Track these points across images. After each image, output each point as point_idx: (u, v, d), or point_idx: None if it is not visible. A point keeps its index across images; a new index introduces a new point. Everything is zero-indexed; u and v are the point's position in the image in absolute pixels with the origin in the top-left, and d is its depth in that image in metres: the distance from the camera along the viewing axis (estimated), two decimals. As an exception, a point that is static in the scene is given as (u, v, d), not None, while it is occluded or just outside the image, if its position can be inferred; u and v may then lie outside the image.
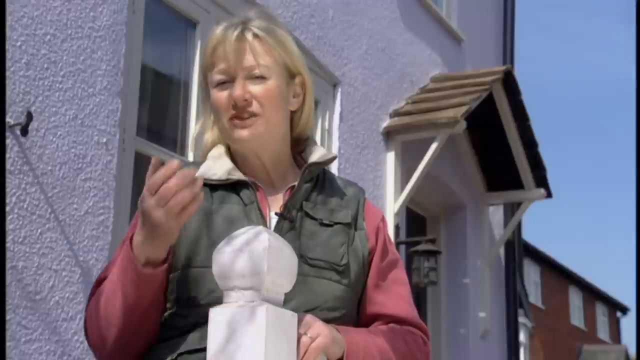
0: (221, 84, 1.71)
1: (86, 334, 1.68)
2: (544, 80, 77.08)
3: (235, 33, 1.70)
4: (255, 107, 1.69)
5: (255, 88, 1.69)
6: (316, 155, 1.78)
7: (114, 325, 1.58)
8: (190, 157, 4.74)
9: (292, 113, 1.79)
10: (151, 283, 1.55)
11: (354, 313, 1.73)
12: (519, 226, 9.08)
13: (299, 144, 1.83)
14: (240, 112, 1.69)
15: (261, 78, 1.69)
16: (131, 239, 1.57)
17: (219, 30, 1.73)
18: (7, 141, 3.59)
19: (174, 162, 1.49)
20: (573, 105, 75.46)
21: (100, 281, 1.70)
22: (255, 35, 1.70)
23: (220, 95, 1.71)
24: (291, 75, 1.76)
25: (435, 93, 7.26)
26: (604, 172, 69.82)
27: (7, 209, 3.53)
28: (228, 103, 1.69)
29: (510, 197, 8.36)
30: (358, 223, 1.76)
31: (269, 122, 1.70)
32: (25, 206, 3.65)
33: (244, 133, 1.70)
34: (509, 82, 7.45)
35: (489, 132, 7.76)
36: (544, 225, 55.60)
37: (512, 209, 8.71)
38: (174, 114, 4.89)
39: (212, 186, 1.71)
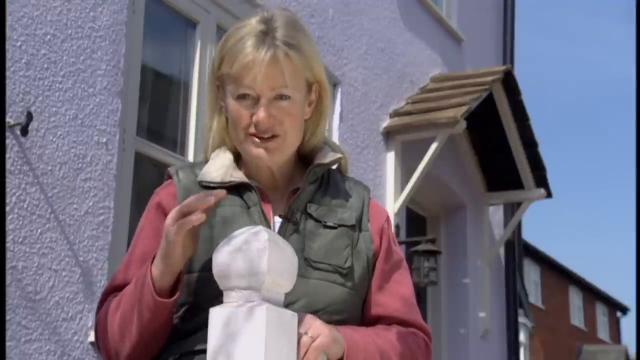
0: (243, 97, 1.67)
1: (97, 342, 1.70)
2: (544, 80, 77.11)
3: (269, 55, 1.63)
4: (277, 129, 1.67)
5: (279, 111, 1.66)
6: (322, 156, 1.76)
7: (129, 341, 1.61)
8: (191, 156, 4.74)
9: (307, 119, 1.76)
10: (166, 310, 1.58)
11: (358, 315, 1.72)
12: (519, 226, 9.08)
13: (314, 150, 1.80)
14: (262, 133, 1.67)
15: (286, 98, 1.66)
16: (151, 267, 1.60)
17: (248, 45, 1.65)
18: (7, 141, 3.59)
19: (221, 193, 1.57)
20: (573, 105, 75.49)
21: (110, 290, 1.70)
22: (285, 55, 1.65)
23: (242, 111, 1.67)
24: (309, 85, 1.73)
25: (435, 93, 7.26)
26: (604, 172, 69.86)
27: (7, 209, 3.53)
28: (249, 121, 1.67)
29: (510, 197, 8.36)
30: (362, 224, 1.75)
31: (286, 142, 1.69)
32: (25, 206, 3.65)
33: (262, 152, 1.68)
34: (509, 82, 7.44)
35: (489, 132, 7.76)
36: (544, 225, 55.62)
37: (512, 209, 8.71)
38: (174, 114, 4.89)
39: (215, 188, 1.69)
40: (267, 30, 1.66)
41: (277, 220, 1.69)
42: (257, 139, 1.67)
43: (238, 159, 1.77)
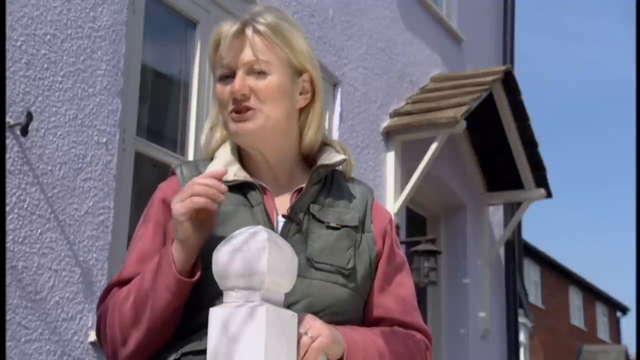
0: (224, 79, 1.72)
1: (101, 331, 1.68)
2: (544, 80, 77.10)
3: (235, 28, 1.70)
4: (253, 101, 1.69)
5: (255, 83, 1.69)
6: (326, 157, 1.76)
7: (141, 327, 1.59)
8: (191, 156, 4.74)
9: (302, 111, 1.76)
10: (186, 291, 1.58)
11: (360, 316, 1.72)
12: (519, 226, 9.08)
13: (318, 149, 1.80)
14: (239, 106, 1.69)
15: (262, 73, 1.69)
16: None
17: (222, 26, 1.73)
18: (7, 141, 3.59)
19: (221, 170, 1.60)
20: (573, 105, 75.49)
21: (115, 283, 1.69)
22: (257, 31, 1.70)
23: (222, 90, 1.72)
24: (297, 72, 1.74)
25: (435, 93, 7.26)
26: (604, 172, 69.86)
27: (7, 209, 3.53)
28: (228, 97, 1.70)
29: (510, 197, 8.36)
30: (366, 225, 1.75)
31: (267, 117, 1.69)
32: (25, 206, 3.65)
33: (240, 127, 1.70)
34: (509, 82, 7.44)
35: (489, 132, 7.76)
36: (544, 225, 55.63)
37: (512, 209, 8.71)
38: (174, 114, 4.89)
39: None
40: (248, 17, 1.73)
41: (280, 220, 1.69)
42: (235, 114, 1.70)
43: (242, 158, 1.77)
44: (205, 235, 1.58)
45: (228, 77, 1.71)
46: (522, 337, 19.72)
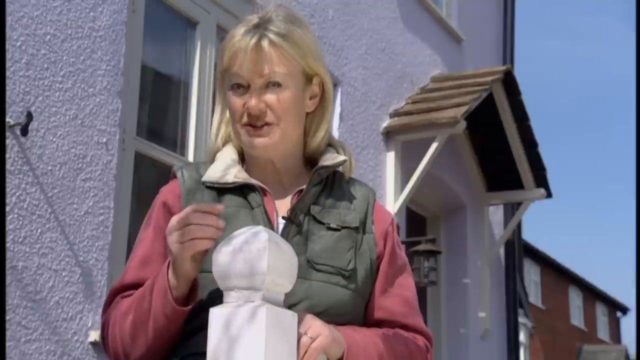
0: (237, 88, 1.70)
1: (105, 342, 1.69)
2: (544, 80, 77.12)
3: (253, 41, 1.67)
4: (270, 116, 1.68)
5: (271, 97, 1.67)
6: (328, 158, 1.76)
7: (140, 346, 1.61)
8: (191, 156, 4.74)
9: (308, 114, 1.76)
10: (182, 317, 1.58)
11: (361, 318, 1.72)
12: (519, 226, 9.07)
13: (320, 147, 1.80)
14: (255, 121, 1.68)
15: (277, 86, 1.68)
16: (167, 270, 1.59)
17: (238, 34, 1.70)
18: (7, 141, 3.59)
19: (219, 207, 1.53)
20: (573, 105, 75.50)
21: (118, 289, 1.70)
22: (272, 42, 1.67)
23: (236, 101, 1.70)
24: (308, 77, 1.74)
25: (435, 93, 7.26)
26: (604, 172, 69.86)
27: (7, 209, 3.53)
28: (243, 110, 1.69)
29: (510, 197, 8.36)
30: (367, 226, 1.75)
31: (283, 131, 1.69)
32: (25, 206, 3.65)
33: (258, 142, 1.69)
34: (509, 82, 7.44)
35: (489, 132, 7.76)
36: (544, 225, 55.67)
37: (512, 209, 8.71)
38: (174, 114, 4.89)
39: (220, 189, 1.71)
40: (259, 23, 1.71)
41: (281, 222, 1.69)
42: (251, 128, 1.69)
43: (244, 158, 1.78)
44: (201, 262, 1.57)
45: (240, 86, 1.69)
46: (522, 337, 19.73)
